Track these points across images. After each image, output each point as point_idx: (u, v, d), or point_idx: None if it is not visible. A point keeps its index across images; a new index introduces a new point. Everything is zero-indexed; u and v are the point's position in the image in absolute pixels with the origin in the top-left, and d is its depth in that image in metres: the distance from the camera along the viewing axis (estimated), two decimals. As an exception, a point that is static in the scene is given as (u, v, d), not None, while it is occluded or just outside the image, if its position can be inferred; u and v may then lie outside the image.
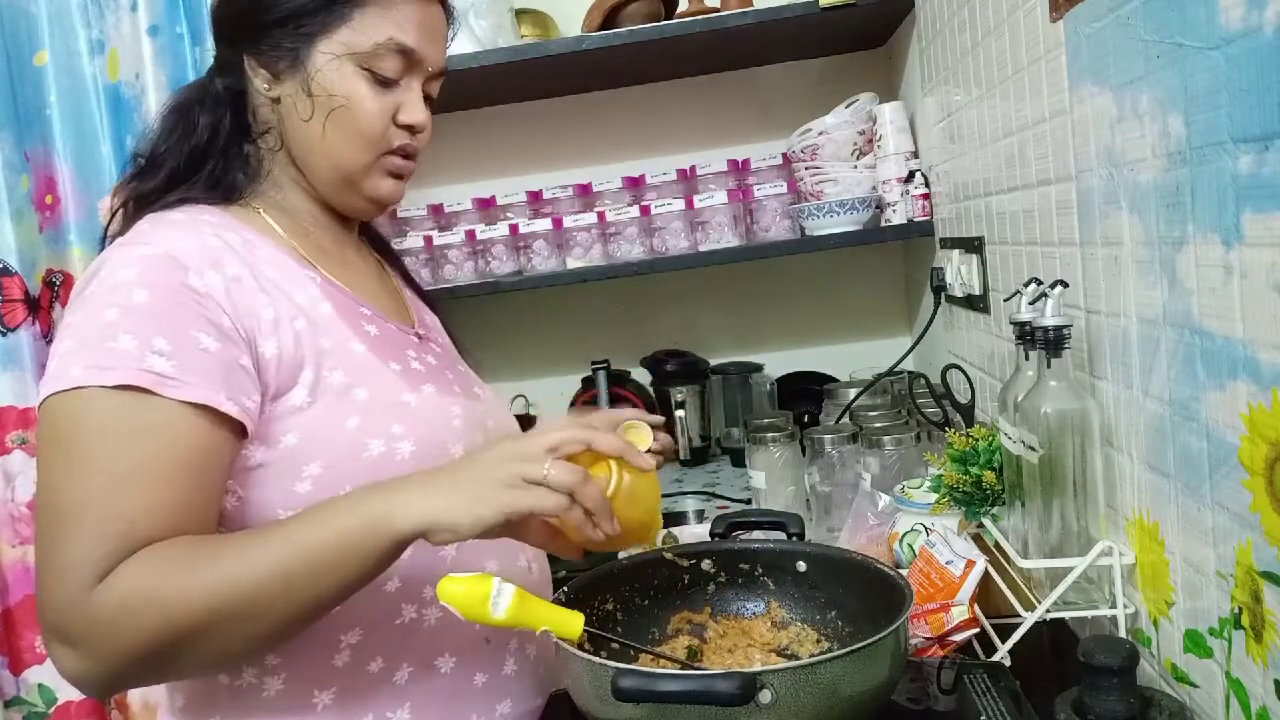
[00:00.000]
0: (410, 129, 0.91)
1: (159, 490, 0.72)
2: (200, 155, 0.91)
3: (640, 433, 0.89)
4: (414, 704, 0.85)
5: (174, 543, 0.72)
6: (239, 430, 0.78)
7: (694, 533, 1.40)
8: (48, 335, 1.77)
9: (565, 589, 0.86)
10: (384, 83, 0.89)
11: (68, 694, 1.73)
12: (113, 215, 0.91)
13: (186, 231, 0.82)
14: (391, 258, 1.12)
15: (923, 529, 1.10)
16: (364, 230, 1.07)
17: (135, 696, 1.76)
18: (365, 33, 0.87)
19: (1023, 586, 0.96)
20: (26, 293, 1.73)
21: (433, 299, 1.13)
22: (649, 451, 0.89)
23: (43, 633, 0.72)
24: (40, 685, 1.73)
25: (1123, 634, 0.88)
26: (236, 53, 0.91)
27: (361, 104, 0.88)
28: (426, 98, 0.94)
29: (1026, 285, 0.99)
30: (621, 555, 0.97)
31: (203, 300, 0.77)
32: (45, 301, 1.76)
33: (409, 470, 0.79)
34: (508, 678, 0.91)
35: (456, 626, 0.86)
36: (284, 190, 0.94)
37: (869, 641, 0.71)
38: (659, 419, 0.90)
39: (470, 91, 1.90)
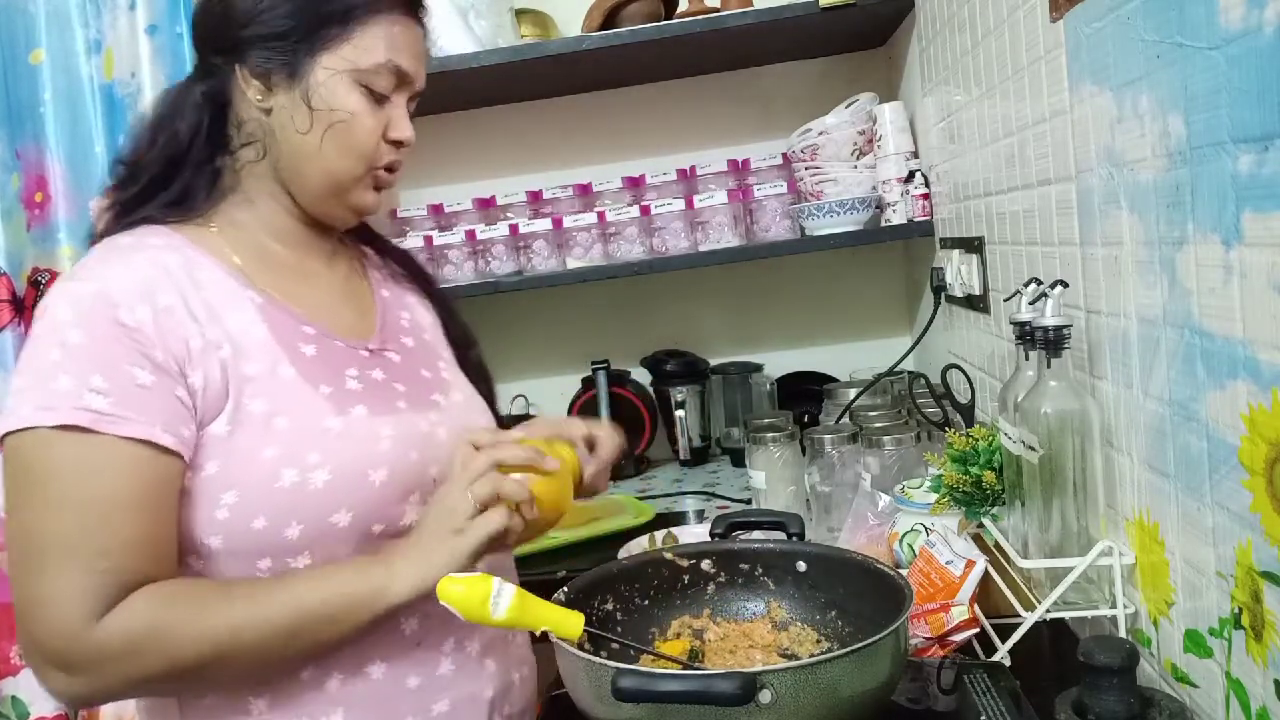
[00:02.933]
0: (398, 144, 0.94)
1: (122, 524, 0.77)
2: (175, 166, 0.92)
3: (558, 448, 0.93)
4: (346, 709, 0.86)
5: (176, 586, 0.79)
6: (181, 460, 0.81)
7: (694, 533, 1.40)
8: None
9: (565, 589, 0.86)
10: (378, 99, 0.91)
11: (41, 707, 1.71)
12: (98, 222, 0.93)
13: (125, 262, 0.84)
14: (376, 245, 1.11)
15: (923, 529, 1.10)
16: (362, 231, 1.07)
17: (109, 710, 1.78)
18: (366, 51, 0.89)
19: (1023, 586, 0.96)
20: (13, 293, 1.72)
21: (435, 290, 1.13)
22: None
23: (31, 658, 0.78)
24: (14, 698, 1.72)
25: (1123, 634, 0.88)
26: (227, 62, 0.91)
27: (360, 119, 0.90)
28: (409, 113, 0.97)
29: (1026, 285, 0.99)
30: (622, 555, 0.97)
31: (134, 335, 0.80)
32: (30, 301, 1.75)
33: (325, 499, 0.83)
34: (443, 677, 0.91)
35: (382, 633, 0.86)
36: (255, 203, 0.94)
37: (869, 641, 0.71)
38: (579, 433, 0.96)
39: (470, 91, 1.90)
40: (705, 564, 0.95)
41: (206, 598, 0.79)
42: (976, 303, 1.39)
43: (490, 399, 1.07)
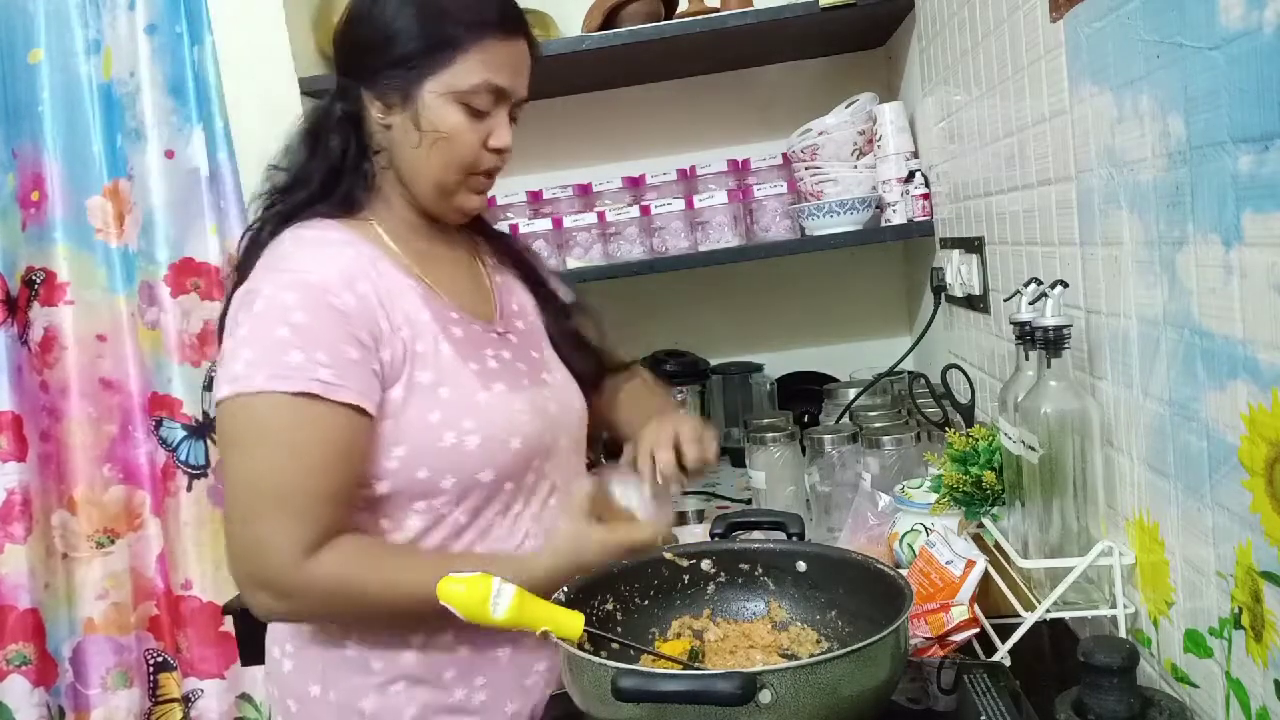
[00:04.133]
0: (499, 152, 1.05)
1: (334, 474, 0.93)
2: (337, 173, 1.05)
3: (627, 492, 1.06)
4: (455, 630, 1.00)
5: (379, 544, 0.99)
6: (373, 422, 0.96)
7: (694, 533, 1.40)
8: (24, 335, 1.76)
9: (565, 589, 0.86)
10: (477, 114, 1.02)
11: (26, 715, 1.73)
12: (256, 222, 1.06)
13: (327, 253, 0.99)
14: (492, 237, 1.22)
15: (923, 529, 1.10)
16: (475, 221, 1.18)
17: (97, 716, 1.78)
18: (465, 75, 1.00)
19: (1023, 586, 0.96)
20: (7, 293, 1.72)
21: (533, 271, 1.23)
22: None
23: (246, 586, 0.94)
24: (1, 704, 1.73)
25: (1123, 634, 0.88)
26: (355, 85, 1.04)
27: (460, 136, 1.02)
28: (511, 119, 1.07)
29: (1026, 285, 0.98)
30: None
31: (345, 318, 0.95)
32: (23, 301, 1.75)
33: (474, 457, 0.99)
34: (535, 650, 1.05)
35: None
36: (390, 203, 1.08)
37: (869, 641, 0.71)
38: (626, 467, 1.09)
39: (470, 91, 1.90)
40: (705, 564, 0.95)
41: (385, 557, 0.97)
42: (976, 303, 1.39)
43: (594, 355, 1.21)
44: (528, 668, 1.06)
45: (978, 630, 0.93)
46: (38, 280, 1.77)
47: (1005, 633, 0.93)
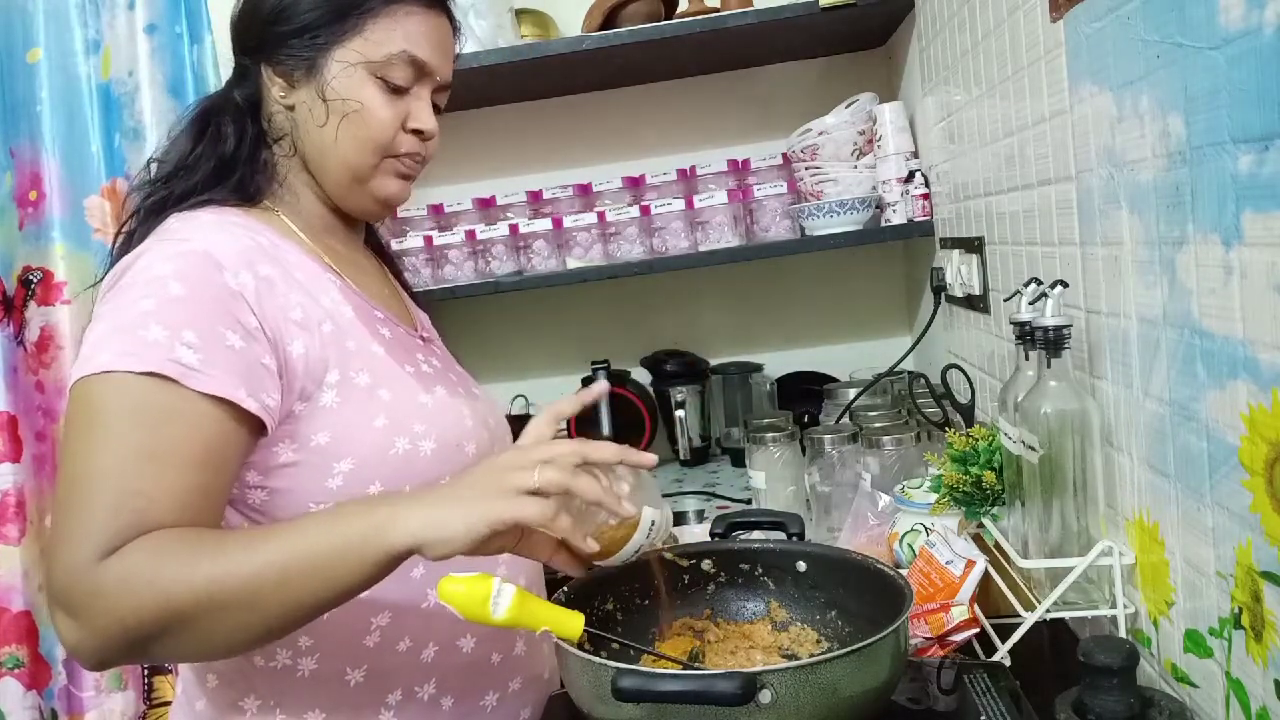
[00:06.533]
0: (419, 134, 0.95)
1: (176, 474, 0.75)
2: (230, 161, 0.94)
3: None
4: (439, 679, 0.91)
5: (182, 530, 0.74)
6: (257, 426, 0.81)
7: (694, 533, 1.40)
8: (19, 336, 1.76)
9: (565, 589, 0.86)
10: (395, 90, 0.93)
11: (18, 719, 1.72)
12: (130, 216, 0.93)
13: (223, 232, 0.86)
14: (391, 262, 1.14)
15: (923, 529, 1.10)
16: (367, 235, 1.10)
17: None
18: (378, 43, 0.91)
19: (1023, 586, 0.96)
20: (3, 292, 1.72)
21: (424, 303, 1.16)
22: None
23: (49, 601, 0.74)
24: None
25: (1123, 634, 0.88)
26: (254, 62, 0.95)
27: (373, 108, 0.92)
28: (435, 108, 0.98)
29: (1026, 285, 0.99)
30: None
31: (234, 299, 0.80)
32: (19, 300, 1.75)
33: (431, 467, 0.87)
34: (519, 657, 0.97)
35: None
36: (298, 195, 0.97)
37: (869, 641, 0.71)
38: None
39: (470, 91, 1.89)
40: (705, 564, 0.95)
41: (205, 538, 0.74)
42: (976, 303, 1.39)
43: None
44: None
45: (978, 630, 0.93)
46: (34, 280, 1.77)
47: (1005, 633, 0.93)
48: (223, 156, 0.93)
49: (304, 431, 0.84)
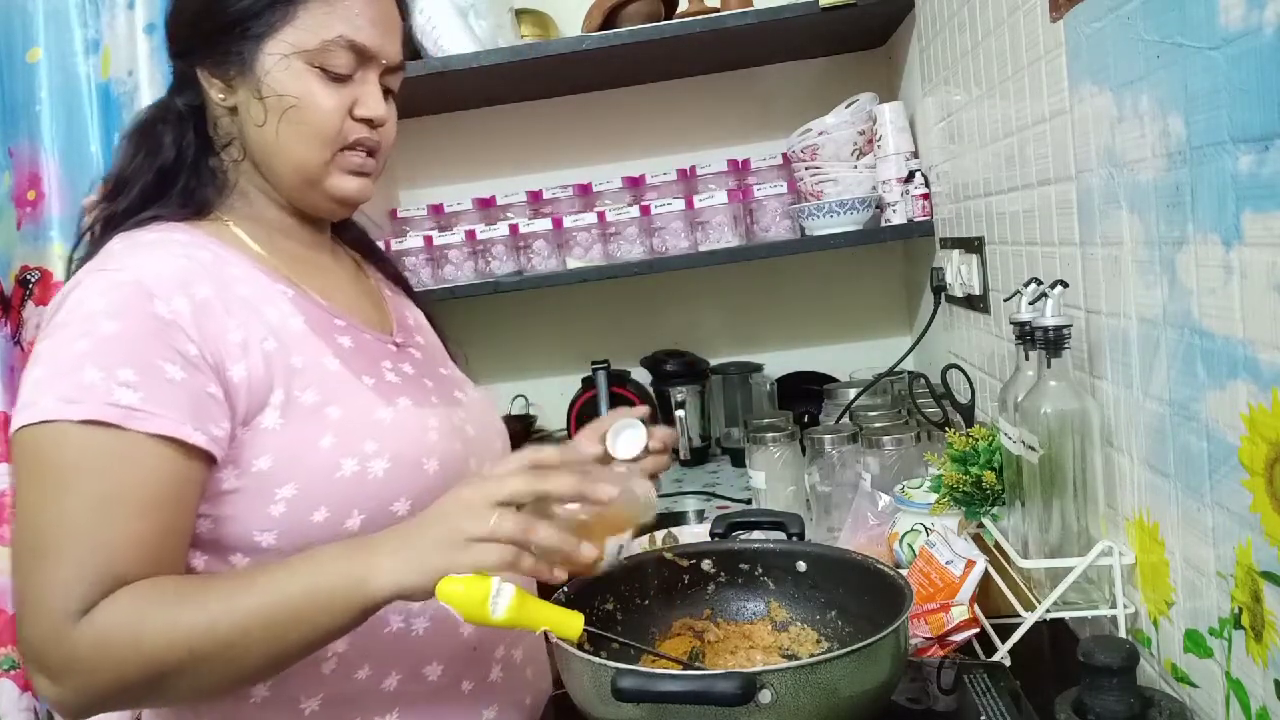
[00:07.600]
0: (368, 122, 0.90)
1: (135, 519, 0.73)
2: (170, 173, 0.90)
3: (633, 438, 0.95)
4: (401, 709, 0.86)
5: (157, 582, 0.73)
6: (209, 459, 0.78)
7: (694, 533, 1.40)
8: (16, 336, 1.75)
9: (565, 589, 0.86)
10: (337, 79, 0.87)
11: None
12: (80, 237, 0.91)
13: (157, 254, 0.82)
14: (374, 256, 1.10)
15: (923, 529, 1.10)
16: (342, 231, 1.05)
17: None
18: (312, 30, 0.86)
19: (1023, 586, 0.96)
20: (1, 292, 1.72)
21: (421, 299, 1.12)
22: (649, 450, 0.98)
23: (23, 659, 0.74)
24: None
25: (1123, 634, 0.88)
26: (190, 65, 0.90)
27: (314, 101, 0.86)
28: (387, 92, 0.93)
29: (1026, 285, 0.99)
30: (622, 555, 0.96)
31: (169, 329, 0.77)
32: (17, 300, 1.75)
33: (384, 488, 0.82)
34: (493, 684, 0.92)
35: (443, 635, 0.87)
36: (252, 201, 0.92)
37: (869, 641, 0.71)
38: (643, 410, 0.94)
39: (470, 91, 1.90)
40: (705, 564, 0.95)
41: (183, 591, 0.73)
42: (976, 303, 1.39)
43: None
44: None
45: (978, 630, 0.93)
46: (32, 280, 1.77)
47: (1005, 633, 0.93)
48: (162, 169, 0.89)
49: (246, 457, 0.80)
